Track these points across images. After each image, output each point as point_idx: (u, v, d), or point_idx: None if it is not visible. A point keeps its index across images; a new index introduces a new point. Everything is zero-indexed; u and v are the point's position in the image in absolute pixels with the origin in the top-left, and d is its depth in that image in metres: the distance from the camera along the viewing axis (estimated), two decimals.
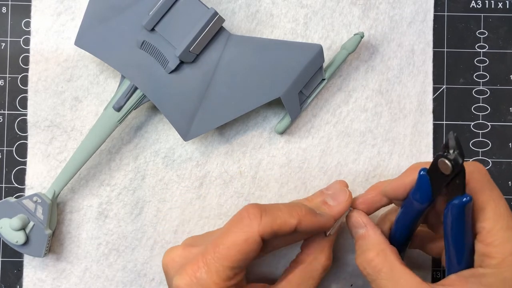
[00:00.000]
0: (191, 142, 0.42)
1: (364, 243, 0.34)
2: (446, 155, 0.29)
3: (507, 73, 0.43)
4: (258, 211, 0.32)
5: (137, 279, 0.42)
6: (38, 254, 0.39)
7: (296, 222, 0.32)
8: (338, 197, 0.36)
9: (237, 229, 0.32)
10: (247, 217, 0.32)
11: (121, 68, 0.39)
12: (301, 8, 0.43)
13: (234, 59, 0.39)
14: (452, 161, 0.29)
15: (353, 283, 0.42)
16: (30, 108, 0.42)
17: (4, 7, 0.43)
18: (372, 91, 0.43)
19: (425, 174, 0.31)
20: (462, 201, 0.29)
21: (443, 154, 0.29)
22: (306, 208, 0.34)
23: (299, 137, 0.42)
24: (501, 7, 0.43)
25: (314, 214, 0.34)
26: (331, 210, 0.36)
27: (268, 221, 0.32)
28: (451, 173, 0.29)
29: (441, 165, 0.29)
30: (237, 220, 0.32)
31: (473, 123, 0.43)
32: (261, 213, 0.32)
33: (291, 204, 0.34)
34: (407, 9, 0.43)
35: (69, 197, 0.42)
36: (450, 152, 0.29)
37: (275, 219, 0.32)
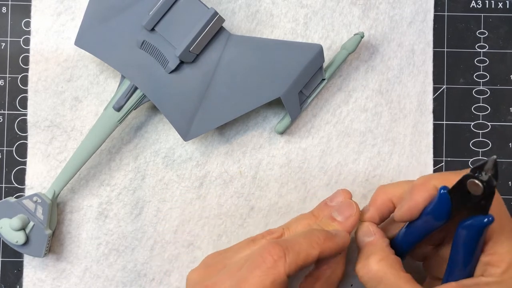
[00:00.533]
0: (191, 142, 0.42)
1: (370, 249, 0.34)
2: (477, 176, 0.29)
3: (507, 73, 0.43)
4: (281, 251, 0.31)
5: (137, 279, 0.42)
6: (38, 254, 0.39)
7: (318, 252, 0.32)
8: (344, 211, 0.36)
9: (262, 273, 0.30)
10: (270, 259, 0.31)
11: (121, 68, 0.39)
12: (301, 8, 0.43)
13: (234, 59, 0.39)
14: (485, 183, 0.28)
15: (353, 282, 0.42)
16: (30, 108, 0.42)
17: (4, 7, 0.43)
18: (372, 91, 0.43)
19: (446, 193, 0.30)
20: (483, 221, 0.29)
21: (474, 175, 0.29)
22: (323, 234, 0.33)
23: (299, 137, 0.42)
24: (501, 7, 0.43)
25: (331, 238, 0.33)
26: (343, 226, 0.35)
27: (292, 259, 0.31)
28: (482, 194, 0.29)
29: (471, 186, 0.29)
30: (260, 262, 0.31)
31: (473, 123, 0.43)
32: (284, 252, 0.31)
33: (308, 233, 0.33)
34: (407, 9, 0.43)
35: (69, 197, 0.42)
36: (482, 174, 0.28)
37: (298, 255, 0.31)
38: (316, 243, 0.32)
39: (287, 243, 0.32)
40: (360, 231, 0.36)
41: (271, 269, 0.30)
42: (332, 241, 0.33)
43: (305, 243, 0.32)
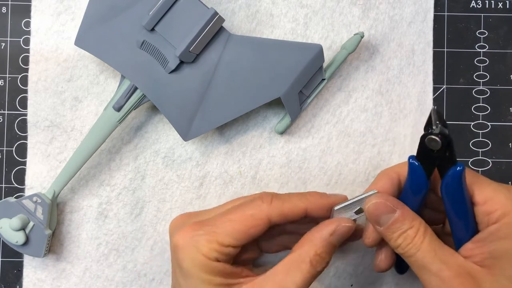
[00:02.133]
0: (191, 142, 0.42)
1: (404, 224, 0.32)
2: (431, 131, 0.29)
3: (507, 73, 0.43)
4: (270, 196, 0.35)
5: (137, 279, 0.42)
6: (38, 254, 0.39)
7: (305, 205, 0.34)
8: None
9: (246, 207, 0.34)
10: (258, 199, 0.34)
11: (121, 68, 0.39)
12: (301, 8, 0.43)
13: (234, 59, 0.39)
14: (439, 135, 0.29)
15: (353, 283, 0.42)
16: (30, 108, 0.42)
17: (4, 7, 0.43)
18: (372, 91, 0.43)
19: (414, 161, 0.31)
20: (457, 170, 0.30)
21: (428, 132, 0.30)
22: (318, 193, 0.35)
23: (299, 137, 0.42)
24: (501, 7, 0.44)
25: (325, 197, 0.35)
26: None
27: (278, 204, 0.34)
28: (442, 147, 0.29)
29: (430, 142, 0.30)
30: (249, 201, 0.35)
31: (473, 123, 0.43)
32: (272, 197, 0.35)
33: (304, 192, 0.36)
34: (407, 9, 0.43)
35: (69, 197, 0.42)
36: (434, 128, 0.29)
37: (285, 202, 0.34)
38: (306, 198, 0.35)
39: (279, 194, 0.35)
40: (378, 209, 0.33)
41: (255, 206, 0.34)
42: (324, 198, 0.35)
43: (295, 196, 0.35)
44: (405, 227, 0.32)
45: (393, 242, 0.33)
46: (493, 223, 0.31)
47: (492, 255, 0.31)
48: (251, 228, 0.34)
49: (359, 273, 0.42)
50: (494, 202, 0.32)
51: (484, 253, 0.32)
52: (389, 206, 0.33)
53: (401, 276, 0.42)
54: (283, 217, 0.34)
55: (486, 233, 0.32)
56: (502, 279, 0.30)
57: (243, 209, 0.34)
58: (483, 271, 0.31)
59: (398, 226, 0.32)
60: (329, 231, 0.34)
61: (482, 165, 0.43)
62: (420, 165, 0.31)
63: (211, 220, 0.35)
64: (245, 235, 0.34)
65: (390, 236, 0.33)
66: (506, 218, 0.31)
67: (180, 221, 0.37)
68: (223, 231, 0.33)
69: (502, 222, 0.31)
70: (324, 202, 0.35)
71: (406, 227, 0.32)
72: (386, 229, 0.33)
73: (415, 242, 0.32)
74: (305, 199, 0.35)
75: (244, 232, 0.34)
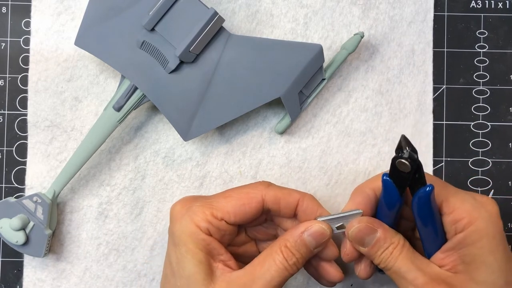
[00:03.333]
0: (191, 142, 0.42)
1: (385, 243, 0.34)
2: (401, 155, 0.32)
3: (507, 73, 0.43)
4: (267, 182, 0.37)
5: (137, 279, 0.42)
6: (38, 254, 0.39)
7: (299, 195, 0.36)
8: None
9: (244, 187, 0.36)
10: (257, 182, 0.37)
11: (121, 68, 0.39)
12: (301, 8, 0.43)
13: (234, 59, 0.39)
14: (408, 159, 0.31)
15: (353, 283, 0.42)
16: (30, 108, 0.42)
17: (4, 7, 0.43)
18: (372, 91, 0.43)
19: (387, 178, 0.33)
20: (426, 190, 0.32)
21: (398, 156, 0.32)
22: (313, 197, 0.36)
23: (299, 137, 0.42)
24: (501, 7, 0.43)
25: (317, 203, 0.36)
26: None
27: (274, 188, 0.36)
28: (411, 169, 0.32)
29: (400, 165, 0.32)
30: (248, 184, 0.37)
31: (473, 123, 0.43)
32: (269, 183, 0.36)
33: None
34: (407, 9, 0.43)
35: (69, 197, 0.42)
36: (404, 152, 0.31)
37: (281, 189, 0.36)
38: (302, 192, 0.36)
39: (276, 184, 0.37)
40: (361, 232, 0.34)
41: (252, 186, 0.36)
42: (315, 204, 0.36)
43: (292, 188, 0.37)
44: (386, 245, 0.34)
45: (377, 259, 0.34)
46: (460, 231, 0.33)
47: (463, 260, 0.33)
48: (246, 205, 0.35)
49: None
50: (460, 211, 0.33)
51: (454, 260, 0.33)
52: (371, 227, 0.34)
53: None
54: (276, 201, 0.35)
55: (454, 242, 0.33)
56: (473, 283, 0.32)
57: (241, 188, 0.36)
58: (456, 277, 0.33)
59: (381, 245, 0.34)
60: (302, 228, 0.35)
61: (482, 165, 0.43)
62: (393, 182, 0.33)
63: (210, 196, 0.37)
64: (239, 211, 0.35)
65: (373, 254, 0.35)
66: (472, 226, 0.32)
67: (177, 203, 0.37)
68: (218, 204, 0.35)
69: (469, 230, 0.32)
70: (315, 207, 0.36)
71: (387, 244, 0.34)
72: (370, 249, 0.34)
73: (393, 255, 0.34)
74: (301, 192, 0.36)
75: (239, 207, 0.35)
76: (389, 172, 0.33)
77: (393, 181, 0.33)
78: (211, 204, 0.35)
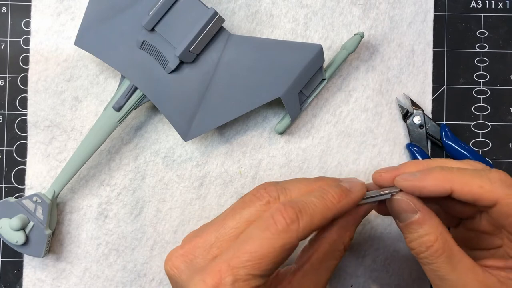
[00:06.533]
0: (191, 142, 0.42)
1: (422, 228, 0.31)
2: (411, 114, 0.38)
3: (507, 73, 0.43)
4: (294, 214, 0.29)
5: (137, 279, 0.42)
6: (38, 254, 0.39)
7: (333, 214, 0.30)
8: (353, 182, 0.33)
9: (272, 235, 0.28)
10: (283, 222, 0.29)
11: (121, 68, 0.39)
12: (301, 8, 0.43)
13: (234, 59, 0.39)
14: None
15: (353, 283, 0.42)
16: (30, 108, 0.42)
17: (4, 7, 0.43)
18: (373, 91, 0.43)
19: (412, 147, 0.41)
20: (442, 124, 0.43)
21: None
22: (337, 193, 0.31)
23: (299, 137, 0.42)
24: (501, 7, 0.43)
25: (347, 194, 0.31)
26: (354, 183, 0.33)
27: (307, 223, 0.29)
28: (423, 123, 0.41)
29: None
30: (270, 222, 0.29)
31: (473, 123, 0.43)
32: (297, 215, 0.29)
33: (322, 193, 0.31)
34: (407, 9, 0.43)
35: (69, 197, 0.42)
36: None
37: (313, 218, 0.29)
38: (331, 203, 0.30)
39: (300, 205, 0.30)
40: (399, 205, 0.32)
41: (282, 233, 0.28)
42: (348, 198, 0.31)
43: (320, 204, 0.30)
44: (422, 232, 0.31)
45: (408, 242, 0.31)
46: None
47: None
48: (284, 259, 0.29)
49: (359, 273, 0.42)
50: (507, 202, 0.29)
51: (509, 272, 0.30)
52: (411, 206, 0.31)
53: (402, 277, 0.42)
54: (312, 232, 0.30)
55: None
56: None
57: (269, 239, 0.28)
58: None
59: (415, 228, 0.31)
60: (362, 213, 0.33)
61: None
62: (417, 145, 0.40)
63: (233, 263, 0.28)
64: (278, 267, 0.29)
65: (406, 234, 0.32)
66: None
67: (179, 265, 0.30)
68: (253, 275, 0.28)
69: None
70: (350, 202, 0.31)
71: (423, 232, 0.31)
72: (404, 226, 0.32)
73: (431, 252, 0.30)
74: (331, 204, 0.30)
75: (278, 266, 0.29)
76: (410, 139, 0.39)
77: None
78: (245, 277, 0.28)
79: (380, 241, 0.42)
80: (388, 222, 0.42)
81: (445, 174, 0.31)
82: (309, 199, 0.30)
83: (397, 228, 0.42)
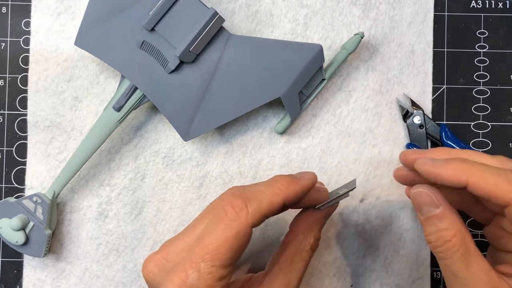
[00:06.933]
0: (191, 142, 0.42)
1: (441, 223, 0.31)
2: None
3: (507, 73, 0.43)
4: (242, 202, 0.30)
5: (137, 279, 0.42)
6: (38, 254, 0.39)
7: (282, 199, 0.31)
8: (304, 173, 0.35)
9: (225, 225, 0.30)
10: (232, 210, 0.30)
11: (121, 68, 0.39)
12: (301, 8, 0.43)
13: (234, 59, 0.39)
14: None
15: (353, 283, 0.42)
16: (30, 108, 0.42)
17: (4, 7, 0.43)
18: (373, 91, 0.43)
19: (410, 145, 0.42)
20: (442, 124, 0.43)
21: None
22: (286, 179, 0.32)
23: (299, 137, 0.42)
24: (501, 7, 0.43)
25: (296, 182, 0.33)
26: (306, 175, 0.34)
27: (255, 209, 0.30)
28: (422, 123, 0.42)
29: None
30: (221, 213, 0.30)
31: (473, 123, 0.43)
32: (245, 203, 0.30)
33: (271, 180, 0.33)
34: (407, 9, 0.43)
35: (69, 197, 0.42)
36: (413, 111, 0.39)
37: (261, 204, 0.31)
38: (279, 189, 0.32)
39: (248, 193, 0.31)
40: (421, 199, 0.32)
41: (233, 222, 0.30)
42: (296, 184, 0.32)
43: (268, 191, 0.31)
44: (441, 226, 0.31)
45: (427, 235, 0.32)
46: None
47: None
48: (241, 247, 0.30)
49: (359, 273, 0.42)
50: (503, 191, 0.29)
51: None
52: (433, 200, 0.32)
53: (402, 277, 0.42)
54: (263, 219, 0.31)
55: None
56: None
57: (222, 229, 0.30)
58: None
59: (435, 223, 0.31)
60: (323, 214, 0.35)
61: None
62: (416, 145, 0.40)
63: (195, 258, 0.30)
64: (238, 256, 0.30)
65: (425, 227, 0.32)
66: None
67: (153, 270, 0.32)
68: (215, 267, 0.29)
69: None
70: (298, 189, 0.33)
71: (443, 226, 0.31)
72: (424, 220, 0.32)
73: (448, 247, 0.30)
74: (279, 190, 0.32)
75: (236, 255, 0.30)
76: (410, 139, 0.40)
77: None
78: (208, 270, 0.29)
79: (380, 241, 0.42)
80: (388, 222, 0.42)
81: (463, 166, 0.31)
82: (258, 187, 0.32)
83: (397, 228, 0.42)
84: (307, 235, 0.35)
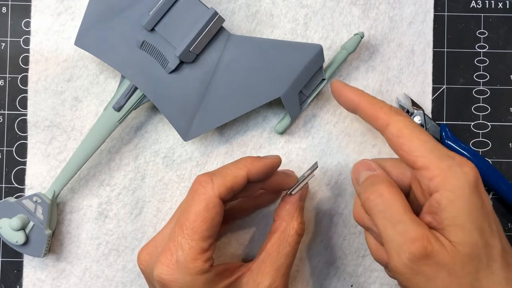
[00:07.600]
0: (191, 142, 0.42)
1: (377, 179, 0.33)
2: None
3: (507, 73, 0.43)
4: (208, 177, 0.34)
5: (137, 279, 0.42)
6: (38, 254, 0.39)
7: (245, 172, 0.34)
8: None
9: (195, 200, 0.33)
10: (199, 186, 0.33)
11: (121, 68, 0.39)
12: (301, 8, 0.43)
13: (234, 59, 0.39)
14: None
15: (353, 283, 0.42)
16: (30, 108, 0.42)
17: (4, 7, 0.43)
18: (373, 91, 0.43)
19: None
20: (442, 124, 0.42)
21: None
22: (251, 157, 0.36)
23: (299, 137, 0.42)
24: (501, 7, 0.44)
25: (259, 159, 0.35)
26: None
27: (220, 181, 0.33)
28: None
29: None
30: (191, 193, 0.33)
31: (473, 123, 0.43)
32: (211, 177, 0.33)
33: (237, 160, 0.36)
34: (407, 10, 0.43)
35: (69, 197, 0.42)
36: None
37: (225, 176, 0.34)
38: (243, 165, 0.35)
39: (214, 171, 0.35)
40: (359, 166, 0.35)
41: (201, 195, 0.33)
42: (260, 161, 0.35)
43: (232, 167, 0.35)
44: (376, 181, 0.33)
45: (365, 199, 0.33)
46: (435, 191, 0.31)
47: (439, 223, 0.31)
48: (214, 218, 0.33)
49: (359, 273, 0.42)
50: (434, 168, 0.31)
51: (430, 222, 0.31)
52: (371, 165, 0.35)
53: None
54: (231, 192, 0.34)
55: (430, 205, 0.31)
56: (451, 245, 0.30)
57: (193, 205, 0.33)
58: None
59: (371, 180, 0.33)
60: (297, 198, 0.37)
61: None
62: None
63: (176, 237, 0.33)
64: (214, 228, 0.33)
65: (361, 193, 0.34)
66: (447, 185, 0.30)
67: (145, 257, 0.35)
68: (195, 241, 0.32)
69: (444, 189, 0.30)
70: (261, 165, 0.35)
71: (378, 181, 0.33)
72: (361, 184, 0.34)
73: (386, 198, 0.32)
74: (242, 165, 0.35)
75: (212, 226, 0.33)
76: None
77: None
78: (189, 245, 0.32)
79: None
80: None
81: (360, 92, 0.36)
82: (225, 166, 0.35)
83: None
84: (289, 221, 0.36)
